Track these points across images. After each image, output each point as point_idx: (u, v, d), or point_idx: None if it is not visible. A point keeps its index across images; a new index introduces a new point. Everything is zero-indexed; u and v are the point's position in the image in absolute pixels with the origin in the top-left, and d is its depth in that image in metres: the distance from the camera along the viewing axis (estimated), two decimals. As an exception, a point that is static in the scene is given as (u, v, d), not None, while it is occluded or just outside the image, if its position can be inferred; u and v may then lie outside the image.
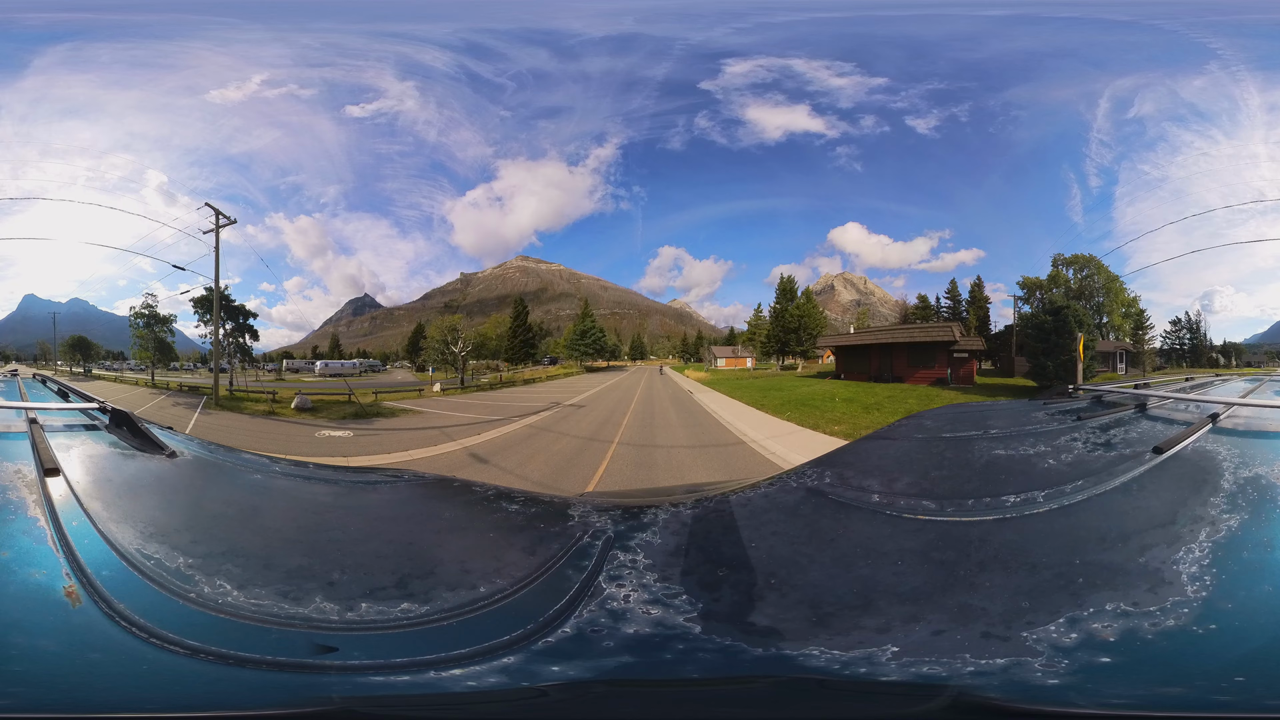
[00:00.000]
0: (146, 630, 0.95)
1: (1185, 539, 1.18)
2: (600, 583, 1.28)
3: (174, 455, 1.87)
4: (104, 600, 0.99)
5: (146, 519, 1.37)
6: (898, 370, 28.76)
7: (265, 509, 1.78)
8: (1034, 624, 1.01)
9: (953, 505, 1.61)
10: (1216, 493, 1.37)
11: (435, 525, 1.85)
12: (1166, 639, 0.95)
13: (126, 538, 1.22)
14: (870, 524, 1.59)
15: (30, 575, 1.05)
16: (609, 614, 1.16)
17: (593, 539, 1.53)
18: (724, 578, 1.36)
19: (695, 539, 1.58)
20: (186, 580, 1.12)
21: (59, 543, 1.14)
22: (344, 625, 1.09)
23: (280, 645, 1.02)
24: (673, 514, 1.74)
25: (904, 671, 0.96)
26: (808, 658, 1.02)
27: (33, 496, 1.32)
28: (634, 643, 1.08)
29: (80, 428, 2.06)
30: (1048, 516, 1.42)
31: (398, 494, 2.16)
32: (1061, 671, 0.91)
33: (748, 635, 1.10)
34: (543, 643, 1.07)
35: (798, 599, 1.24)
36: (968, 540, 1.38)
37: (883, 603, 1.18)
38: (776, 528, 1.66)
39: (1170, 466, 1.59)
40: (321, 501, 1.96)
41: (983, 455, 2.10)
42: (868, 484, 1.92)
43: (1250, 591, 1.05)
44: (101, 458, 1.80)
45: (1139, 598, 1.03)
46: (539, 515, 1.82)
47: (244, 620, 1.05)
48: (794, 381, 31.17)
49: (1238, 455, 1.59)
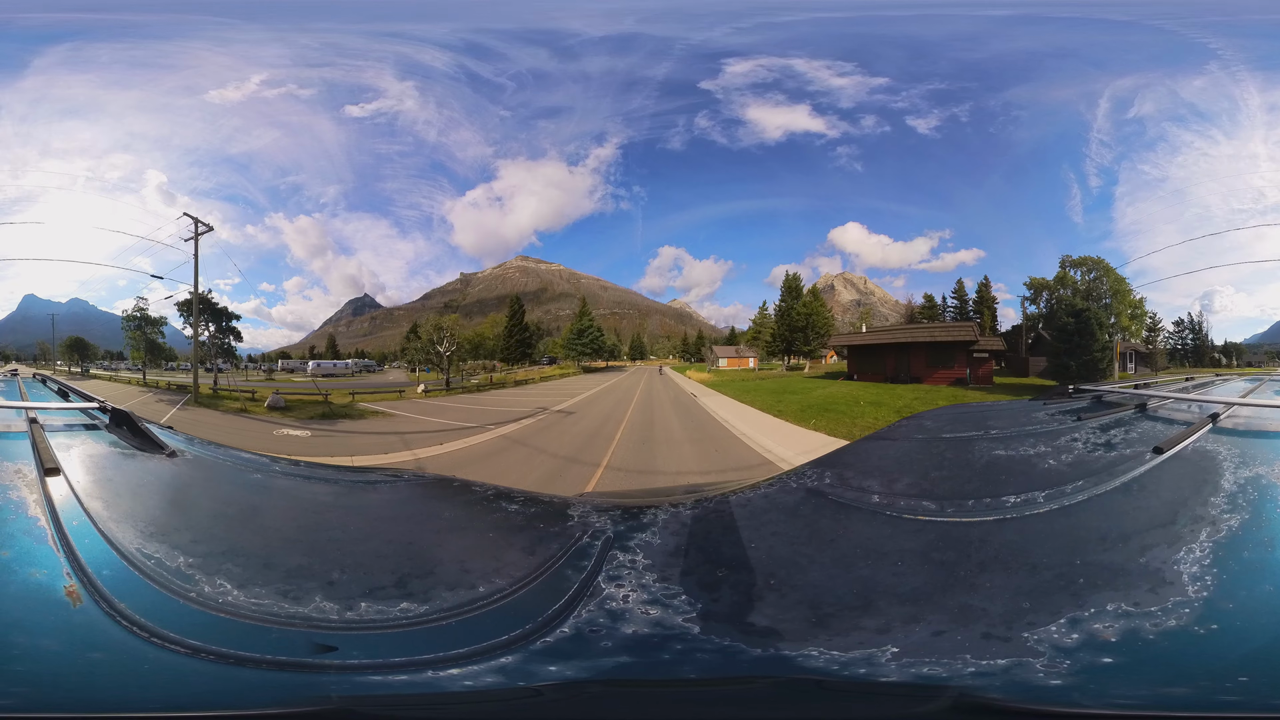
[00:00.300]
0: (147, 630, 0.95)
1: (1186, 539, 1.18)
2: (599, 583, 1.28)
3: (174, 455, 1.87)
4: (104, 600, 0.99)
5: (147, 519, 1.37)
6: (915, 370, 27.86)
7: (265, 509, 1.78)
8: (1035, 624, 1.01)
9: (953, 506, 1.61)
10: (1217, 493, 1.37)
11: (435, 525, 1.85)
12: (1168, 639, 0.94)
13: (127, 537, 1.22)
14: (870, 524, 1.59)
15: (31, 575, 1.05)
16: (608, 614, 1.16)
17: (592, 539, 1.53)
18: (723, 578, 1.35)
19: (695, 539, 1.58)
20: (187, 580, 1.12)
21: (59, 542, 1.14)
22: (343, 625, 1.09)
23: (280, 645, 1.02)
24: (672, 514, 1.74)
25: (904, 672, 0.96)
26: (807, 658, 1.02)
27: (33, 496, 1.32)
28: (632, 643, 1.08)
29: (80, 427, 2.06)
30: (1048, 517, 1.41)
31: (397, 494, 2.16)
32: (1063, 672, 0.91)
33: (747, 636, 1.09)
34: (541, 643, 1.07)
35: (797, 599, 1.23)
36: (968, 541, 1.38)
37: (883, 603, 1.18)
38: (776, 528, 1.66)
39: (1170, 466, 1.58)
40: (321, 501, 1.96)
41: (983, 455, 2.10)
42: (868, 484, 1.91)
43: (1251, 591, 1.05)
44: (102, 457, 1.80)
45: (1140, 598, 1.03)
46: (538, 515, 1.82)
47: (244, 620, 1.04)
48: (805, 383, 29.79)
49: (1238, 455, 1.59)
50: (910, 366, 28.17)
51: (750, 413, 18.57)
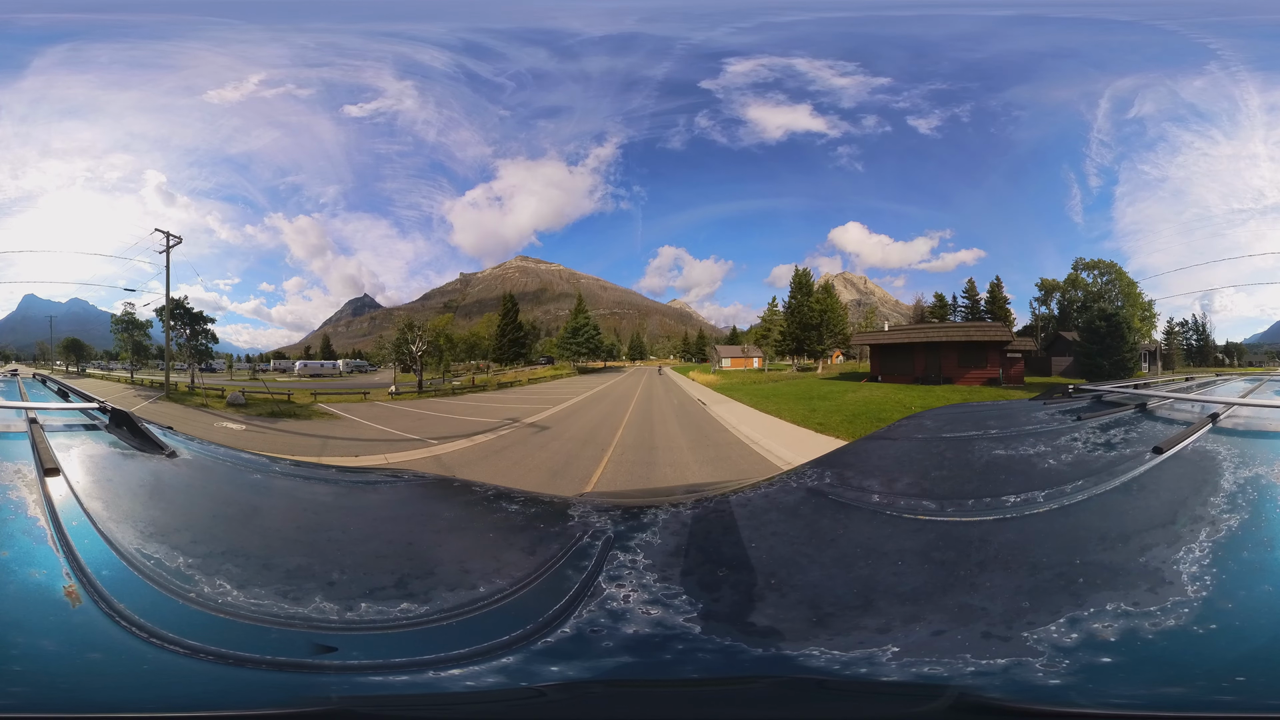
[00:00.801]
0: (146, 630, 0.95)
1: (1185, 539, 1.18)
2: (600, 583, 1.28)
3: (174, 455, 1.87)
4: (104, 600, 0.99)
5: (146, 519, 1.37)
6: (947, 370, 27.18)
7: (265, 509, 1.78)
8: (1035, 624, 1.01)
9: (953, 505, 1.61)
10: (1216, 492, 1.37)
11: (435, 525, 1.85)
12: (1167, 639, 0.95)
13: (126, 537, 1.22)
14: (870, 524, 1.59)
15: (30, 575, 1.05)
16: (609, 614, 1.16)
17: (592, 539, 1.53)
18: (724, 578, 1.35)
19: (695, 539, 1.58)
20: (186, 580, 1.12)
21: (59, 542, 1.14)
22: (343, 625, 1.09)
23: (280, 645, 1.02)
24: (673, 514, 1.74)
25: (905, 672, 0.96)
26: (808, 658, 1.02)
27: (33, 496, 1.32)
28: (634, 643, 1.08)
29: (80, 427, 2.06)
30: (1048, 516, 1.42)
31: (397, 494, 2.16)
32: (1062, 671, 0.91)
33: (748, 635, 1.09)
34: (542, 643, 1.07)
35: (798, 599, 1.23)
36: (968, 540, 1.38)
37: (883, 603, 1.18)
38: (776, 528, 1.66)
39: (1170, 466, 1.59)
40: (321, 501, 1.96)
41: (983, 455, 2.10)
42: (868, 484, 1.92)
43: (1250, 591, 1.05)
44: (101, 458, 1.80)
45: (1139, 597, 1.03)
46: (539, 515, 1.82)
47: (243, 620, 1.04)
48: (827, 386, 27.26)
49: (1238, 455, 1.59)
50: (941, 366, 27.54)
51: (783, 428, 14.21)
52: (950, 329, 31.76)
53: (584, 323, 41.40)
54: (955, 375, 27.01)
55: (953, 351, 28.01)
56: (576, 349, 40.29)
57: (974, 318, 35.67)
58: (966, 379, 26.60)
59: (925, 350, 28.73)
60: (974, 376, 26.67)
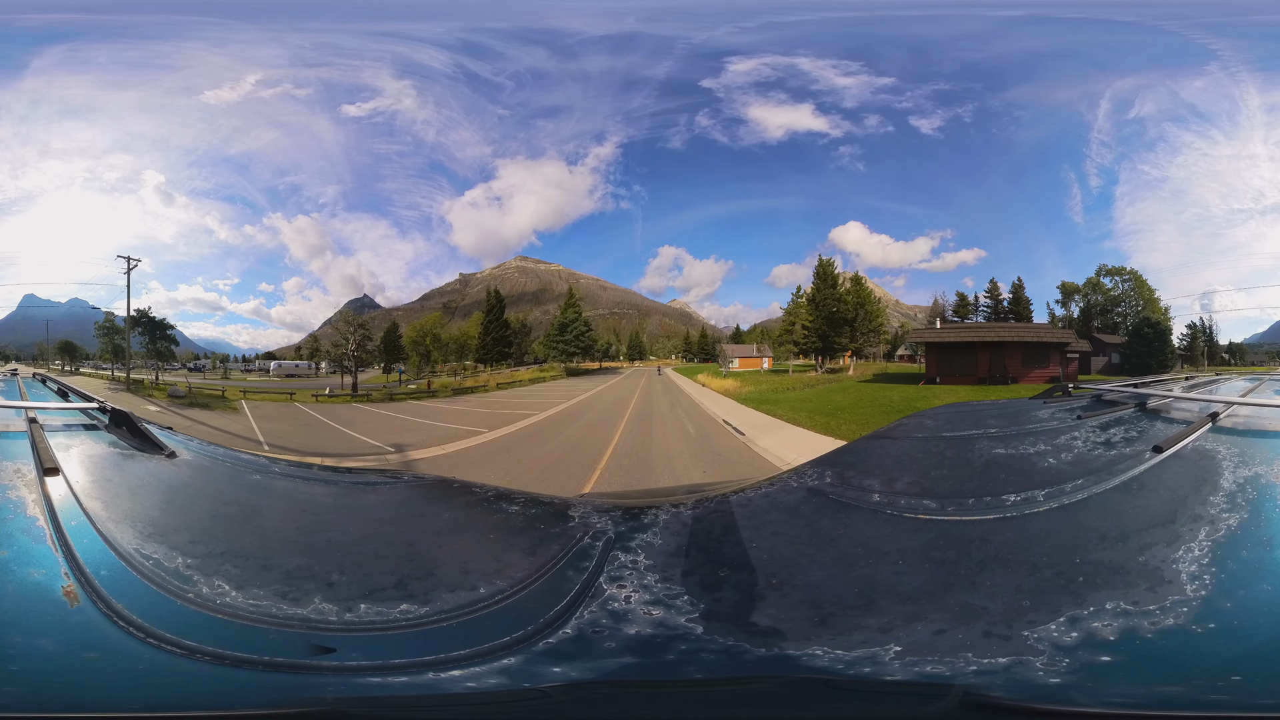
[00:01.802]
0: (144, 630, 0.94)
1: (1185, 538, 1.18)
2: (601, 583, 1.28)
3: (173, 455, 1.86)
4: (102, 600, 0.99)
5: (145, 519, 1.36)
6: (1012, 370, 26.86)
7: (264, 509, 1.78)
8: (1035, 623, 1.01)
9: (953, 504, 1.61)
10: (1216, 492, 1.37)
11: (435, 526, 1.85)
12: (1166, 638, 0.95)
13: (125, 537, 1.21)
14: (871, 524, 1.59)
15: (29, 575, 1.05)
16: (610, 615, 1.16)
17: (593, 540, 1.52)
18: (725, 578, 1.35)
19: (696, 539, 1.58)
20: (185, 580, 1.11)
21: (58, 542, 1.14)
22: (343, 626, 1.09)
23: (278, 646, 1.01)
24: (673, 514, 1.74)
25: (907, 671, 0.96)
26: (811, 658, 1.02)
27: (32, 496, 1.32)
28: (636, 643, 1.08)
29: (80, 427, 2.06)
30: (1048, 515, 1.41)
31: (397, 495, 2.16)
32: (1063, 670, 0.91)
33: (750, 636, 1.09)
34: (543, 644, 1.07)
35: (799, 599, 1.23)
36: (968, 539, 1.38)
37: (884, 602, 1.18)
38: (777, 528, 1.66)
39: (1170, 465, 1.58)
40: (321, 502, 1.96)
41: (983, 454, 2.10)
42: (868, 484, 1.91)
43: (1249, 590, 1.05)
44: (101, 457, 1.79)
45: (1139, 596, 1.03)
46: (539, 516, 1.82)
47: (242, 621, 1.04)
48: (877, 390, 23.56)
49: (1237, 454, 1.59)
50: (1006, 367, 27.34)
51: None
52: (1018, 329, 31.28)
53: (573, 318, 36.35)
54: (1020, 375, 26.69)
55: (1017, 351, 27.95)
56: (565, 347, 35.19)
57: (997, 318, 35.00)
58: (1030, 378, 26.08)
59: (987, 350, 28.12)
60: (1037, 376, 26.44)
